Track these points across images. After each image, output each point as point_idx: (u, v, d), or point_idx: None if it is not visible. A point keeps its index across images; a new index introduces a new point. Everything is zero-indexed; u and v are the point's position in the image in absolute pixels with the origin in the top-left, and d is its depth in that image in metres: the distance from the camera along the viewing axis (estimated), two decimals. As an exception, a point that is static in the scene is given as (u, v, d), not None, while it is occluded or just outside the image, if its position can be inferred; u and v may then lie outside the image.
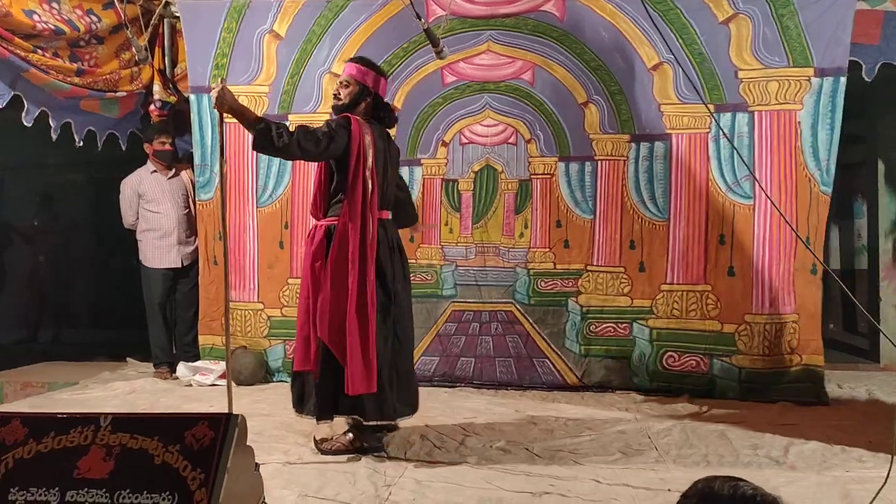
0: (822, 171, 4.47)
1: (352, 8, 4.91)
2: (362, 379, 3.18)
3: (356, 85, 3.37)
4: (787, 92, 4.51)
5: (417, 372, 4.84)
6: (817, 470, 3.17)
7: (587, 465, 3.24)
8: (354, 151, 3.22)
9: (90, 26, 4.77)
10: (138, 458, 1.90)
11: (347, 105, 3.36)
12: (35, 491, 1.89)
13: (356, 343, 3.19)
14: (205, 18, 5.00)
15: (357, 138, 3.24)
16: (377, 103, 3.44)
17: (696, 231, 4.66)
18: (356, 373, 3.17)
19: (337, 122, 3.28)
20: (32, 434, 1.96)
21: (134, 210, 5.20)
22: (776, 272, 4.53)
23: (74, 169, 7.82)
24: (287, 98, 4.95)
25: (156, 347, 5.21)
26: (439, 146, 4.96)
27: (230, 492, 1.85)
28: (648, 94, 4.71)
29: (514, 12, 4.82)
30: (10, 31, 4.15)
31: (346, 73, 3.42)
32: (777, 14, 4.50)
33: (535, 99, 4.85)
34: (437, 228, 4.96)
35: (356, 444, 3.38)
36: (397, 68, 4.89)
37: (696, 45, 4.59)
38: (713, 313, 4.61)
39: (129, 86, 5.18)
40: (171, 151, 5.25)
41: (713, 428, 3.82)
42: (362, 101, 3.37)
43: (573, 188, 4.85)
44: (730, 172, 4.62)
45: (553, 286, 4.87)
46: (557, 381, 4.78)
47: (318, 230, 3.35)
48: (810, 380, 4.43)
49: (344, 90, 3.38)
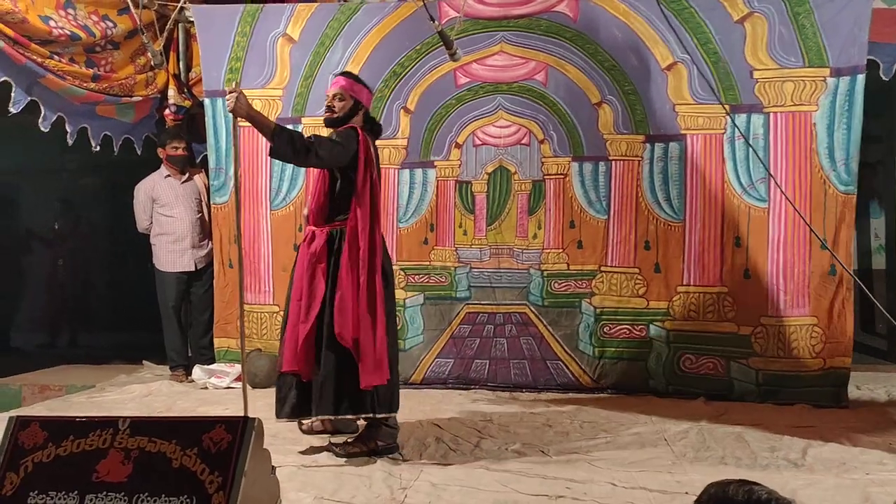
0: (838, 171, 4.42)
1: (365, 11, 4.93)
2: (375, 371, 3.30)
3: (350, 99, 3.50)
4: (802, 93, 4.48)
5: (432, 374, 4.89)
6: (836, 473, 3.14)
7: (603, 467, 3.22)
8: (363, 159, 3.39)
9: (106, 32, 4.81)
10: (156, 461, 1.91)
11: (342, 118, 3.49)
12: (54, 495, 1.91)
13: (369, 339, 3.31)
14: (219, 23, 5.03)
15: (365, 148, 3.41)
16: (365, 115, 3.60)
17: (711, 233, 4.62)
18: (369, 367, 3.28)
19: (346, 133, 3.43)
20: (52, 438, 1.98)
21: (148, 214, 5.24)
22: (791, 274, 4.49)
23: (91, 173, 7.90)
24: (300, 101, 4.97)
25: (171, 350, 5.25)
26: (452, 148, 4.95)
27: (247, 495, 1.85)
28: (663, 94, 4.68)
29: (526, 13, 4.81)
30: (26, 37, 4.19)
31: (337, 86, 3.52)
32: (793, 13, 4.46)
33: (548, 99, 4.84)
34: (451, 230, 4.96)
35: (371, 445, 3.41)
36: (410, 70, 4.90)
37: (711, 45, 4.56)
38: (729, 315, 4.58)
39: (144, 90, 5.22)
40: (184, 156, 5.28)
41: (730, 430, 3.79)
42: (355, 114, 3.50)
43: (587, 188, 4.83)
44: (745, 174, 4.59)
45: (567, 287, 4.85)
46: (572, 384, 4.76)
47: (318, 234, 3.45)
48: (833, 383, 4.38)
49: (338, 103, 3.49)
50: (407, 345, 4.89)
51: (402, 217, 4.97)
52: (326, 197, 3.47)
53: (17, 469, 1.94)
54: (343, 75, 3.63)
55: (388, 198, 4.91)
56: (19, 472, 1.94)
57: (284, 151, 3.25)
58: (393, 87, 4.92)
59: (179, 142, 5.25)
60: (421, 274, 4.96)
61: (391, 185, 4.94)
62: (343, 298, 3.31)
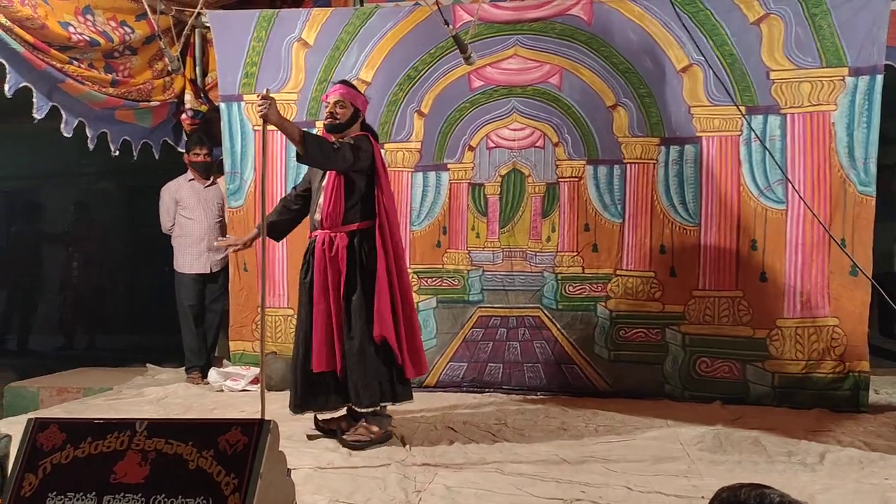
0: (858, 170, 4.38)
1: (379, 15, 4.94)
2: (416, 363, 3.64)
3: (350, 106, 3.65)
4: (820, 93, 4.44)
5: (446, 378, 4.89)
6: (855, 478, 3.11)
7: (618, 471, 3.21)
8: (380, 163, 3.63)
9: (124, 37, 4.86)
10: (173, 463, 1.92)
11: (344, 125, 3.62)
12: (72, 496, 1.92)
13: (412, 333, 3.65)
14: (235, 28, 5.06)
15: (377, 153, 3.63)
16: (363, 122, 3.74)
17: (727, 236, 4.59)
18: (412, 359, 3.61)
19: (361, 138, 3.58)
20: (70, 440, 2.00)
21: (171, 216, 5.33)
22: (808, 277, 4.45)
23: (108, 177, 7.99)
24: (315, 105, 4.99)
25: (188, 351, 5.30)
26: (466, 151, 4.95)
27: (263, 497, 1.86)
28: (678, 96, 4.66)
29: (541, 17, 4.80)
30: (46, 42, 4.24)
31: (338, 93, 3.66)
32: (809, 13, 4.43)
33: (562, 102, 4.83)
34: (463, 233, 4.96)
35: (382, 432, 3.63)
36: (424, 74, 4.91)
37: (727, 46, 4.54)
38: (745, 319, 4.54)
39: (161, 95, 5.27)
40: (206, 162, 5.36)
41: (747, 434, 3.76)
42: (355, 120, 3.67)
43: (602, 192, 4.81)
44: (761, 176, 4.56)
45: (581, 291, 4.83)
46: (587, 387, 4.74)
47: (338, 238, 3.57)
48: (852, 387, 4.34)
49: (340, 110, 3.63)
50: (421, 348, 4.89)
51: (415, 220, 4.98)
52: (343, 201, 3.57)
53: (35, 470, 1.96)
54: (342, 83, 3.76)
55: (402, 201, 4.92)
56: (38, 474, 1.96)
57: (314, 155, 3.39)
58: (407, 90, 4.94)
59: (202, 148, 5.32)
60: (434, 277, 4.96)
61: (404, 188, 4.96)
62: (381, 300, 3.48)
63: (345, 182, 3.57)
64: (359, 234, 3.58)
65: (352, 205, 3.58)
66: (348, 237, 3.57)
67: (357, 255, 3.56)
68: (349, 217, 3.58)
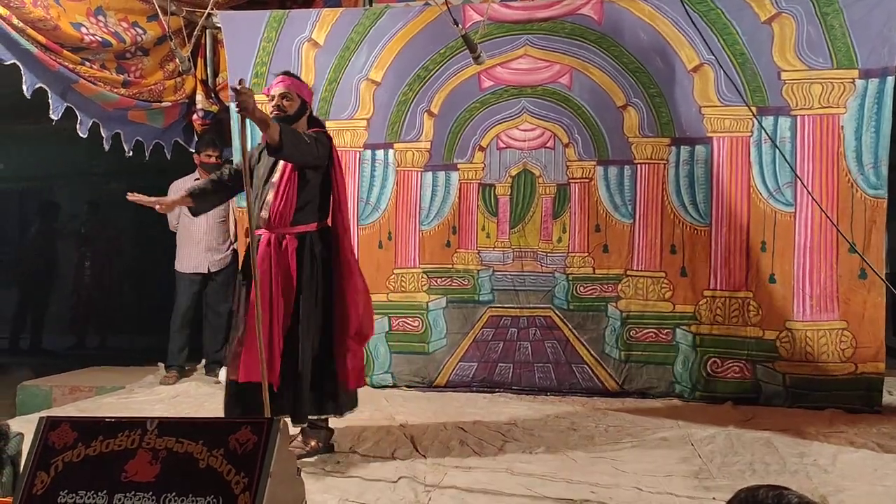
0: (866, 175, 4.35)
1: (389, 15, 4.95)
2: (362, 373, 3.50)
3: (297, 98, 3.42)
4: (830, 95, 4.41)
5: (456, 378, 4.89)
6: (868, 480, 3.08)
7: (629, 472, 3.20)
8: (336, 160, 3.44)
9: (136, 38, 4.88)
10: (184, 461, 1.93)
11: (292, 117, 3.38)
12: (84, 494, 1.93)
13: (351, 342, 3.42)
14: (245, 29, 5.08)
15: (335, 149, 3.44)
16: (310, 115, 3.53)
17: (738, 237, 4.57)
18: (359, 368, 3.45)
19: (321, 134, 3.41)
20: (81, 438, 2.00)
21: (176, 214, 5.34)
22: (818, 279, 4.42)
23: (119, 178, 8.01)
24: (325, 105, 5.00)
25: (169, 350, 5.31)
26: (476, 151, 4.95)
27: (273, 496, 1.86)
28: (689, 96, 4.64)
29: (551, 16, 4.80)
30: (58, 43, 4.27)
31: (282, 85, 3.40)
32: (821, 13, 4.40)
33: (572, 103, 4.82)
34: (474, 233, 4.96)
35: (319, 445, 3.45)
36: (434, 74, 4.91)
37: (738, 46, 4.51)
38: (754, 320, 4.52)
39: (173, 96, 5.30)
40: (217, 164, 5.36)
41: (758, 435, 3.74)
42: (304, 113, 3.45)
43: (612, 192, 4.80)
44: (771, 178, 4.53)
45: (592, 291, 4.82)
46: (597, 388, 4.73)
47: (288, 239, 3.31)
48: (866, 387, 4.31)
49: (287, 103, 3.38)
50: (430, 348, 4.89)
51: (425, 219, 4.98)
52: (295, 199, 3.33)
53: (47, 468, 1.97)
54: (285, 74, 3.50)
55: (411, 200, 4.93)
56: (49, 472, 1.97)
57: (290, 150, 3.15)
58: (417, 90, 4.94)
59: (213, 150, 5.33)
60: (444, 277, 4.96)
61: (414, 188, 4.96)
62: (355, 298, 3.34)
63: (299, 178, 3.33)
64: (310, 237, 3.34)
65: (304, 203, 3.34)
66: (298, 240, 3.32)
67: (308, 259, 3.31)
68: (300, 217, 3.34)
